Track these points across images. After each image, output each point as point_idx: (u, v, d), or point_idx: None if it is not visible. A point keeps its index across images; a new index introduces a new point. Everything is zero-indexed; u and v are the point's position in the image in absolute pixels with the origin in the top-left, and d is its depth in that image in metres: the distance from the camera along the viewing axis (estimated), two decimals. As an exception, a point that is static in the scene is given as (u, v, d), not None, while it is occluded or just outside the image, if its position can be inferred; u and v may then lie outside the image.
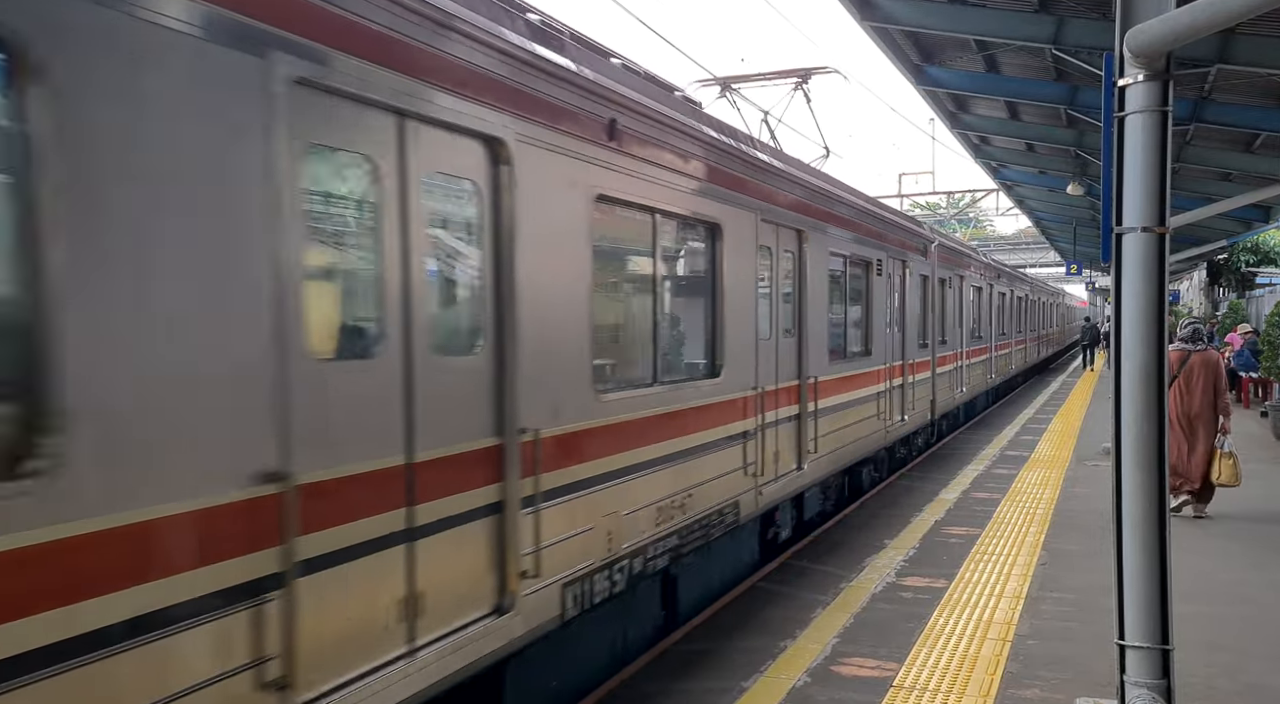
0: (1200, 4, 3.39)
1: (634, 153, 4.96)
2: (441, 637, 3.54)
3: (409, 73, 3.41)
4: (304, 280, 3.01)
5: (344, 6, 3.13)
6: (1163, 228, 3.86)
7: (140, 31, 2.46)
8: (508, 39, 3.96)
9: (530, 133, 4.06)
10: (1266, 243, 24.58)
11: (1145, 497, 3.82)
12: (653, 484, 5.15)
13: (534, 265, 4.10)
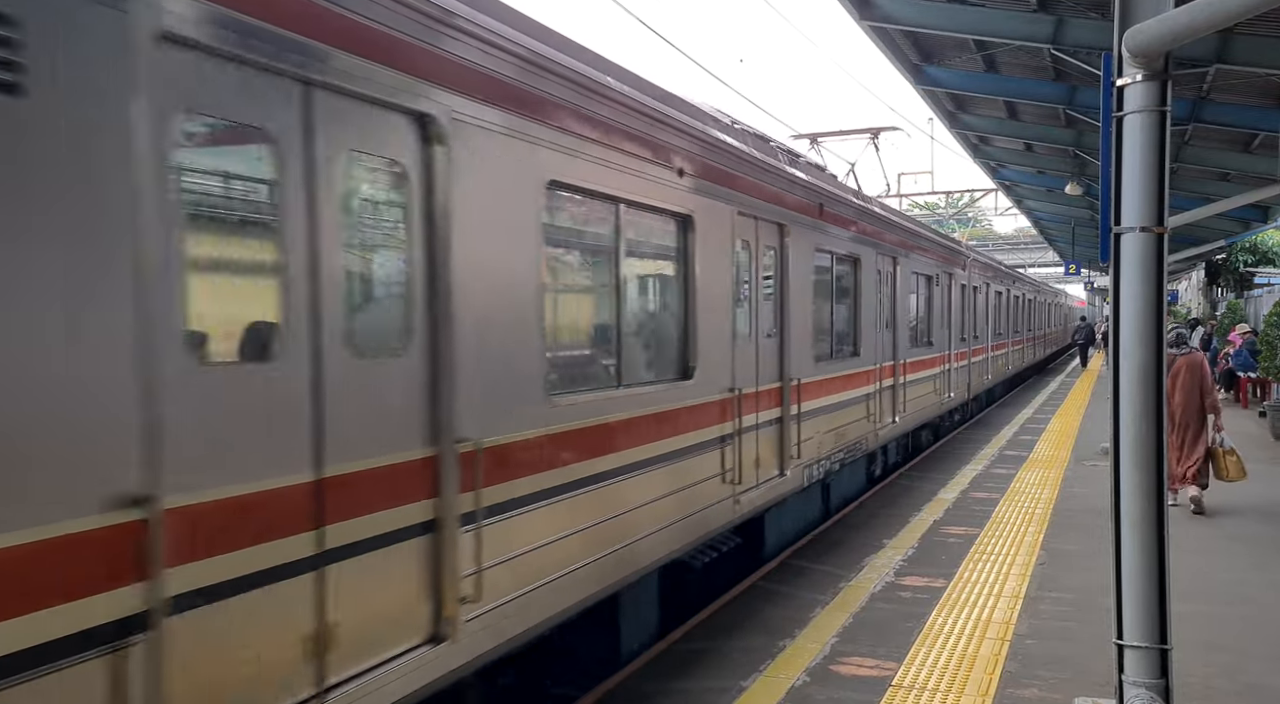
0: (1198, 4, 3.39)
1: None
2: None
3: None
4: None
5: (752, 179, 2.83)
6: (1161, 228, 3.87)
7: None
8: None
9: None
10: (1265, 243, 24.59)
11: (1144, 496, 3.83)
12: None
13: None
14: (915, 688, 4.72)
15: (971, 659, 5.11)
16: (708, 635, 5.65)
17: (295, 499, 2.95)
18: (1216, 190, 16.19)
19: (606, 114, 4.71)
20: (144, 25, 2.44)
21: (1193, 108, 11.40)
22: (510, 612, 3.92)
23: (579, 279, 5.24)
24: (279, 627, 2.88)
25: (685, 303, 5.72)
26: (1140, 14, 3.65)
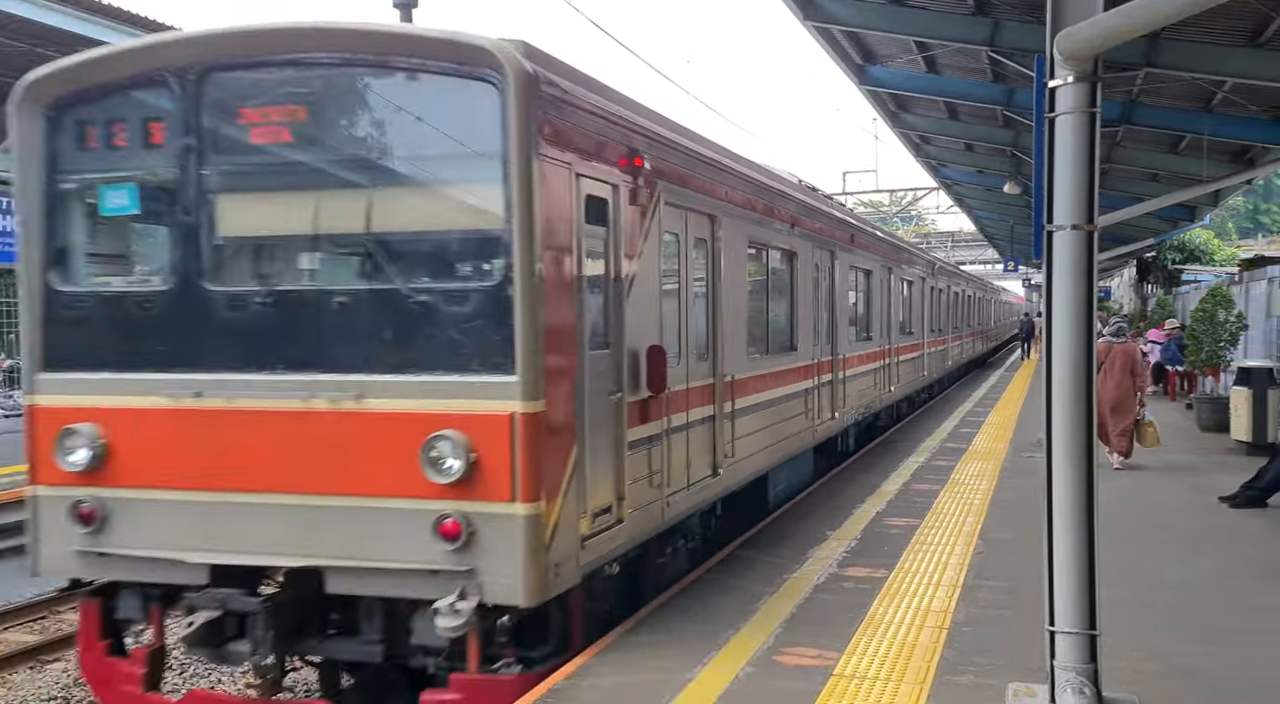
0: (1126, 8, 3.50)
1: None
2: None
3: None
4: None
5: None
6: (1091, 226, 3.99)
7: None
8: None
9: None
10: (1192, 241, 25.45)
11: (1075, 487, 3.94)
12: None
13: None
14: (856, 677, 4.81)
15: (911, 647, 5.21)
16: (653, 627, 5.69)
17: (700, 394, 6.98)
18: (1147, 190, 16.71)
19: (765, 204, 8.64)
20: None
21: (1124, 110, 11.74)
22: (739, 466, 7.68)
23: (760, 291, 8.76)
24: (699, 445, 6.88)
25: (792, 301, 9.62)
26: (1071, 17, 3.76)
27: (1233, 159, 13.78)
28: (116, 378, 5.14)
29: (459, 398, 4.71)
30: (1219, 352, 13.88)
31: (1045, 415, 4.04)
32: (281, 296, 5.00)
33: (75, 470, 5.09)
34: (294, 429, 4.86)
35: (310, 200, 5.11)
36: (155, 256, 5.50)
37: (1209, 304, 14.12)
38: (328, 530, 4.82)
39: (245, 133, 5.07)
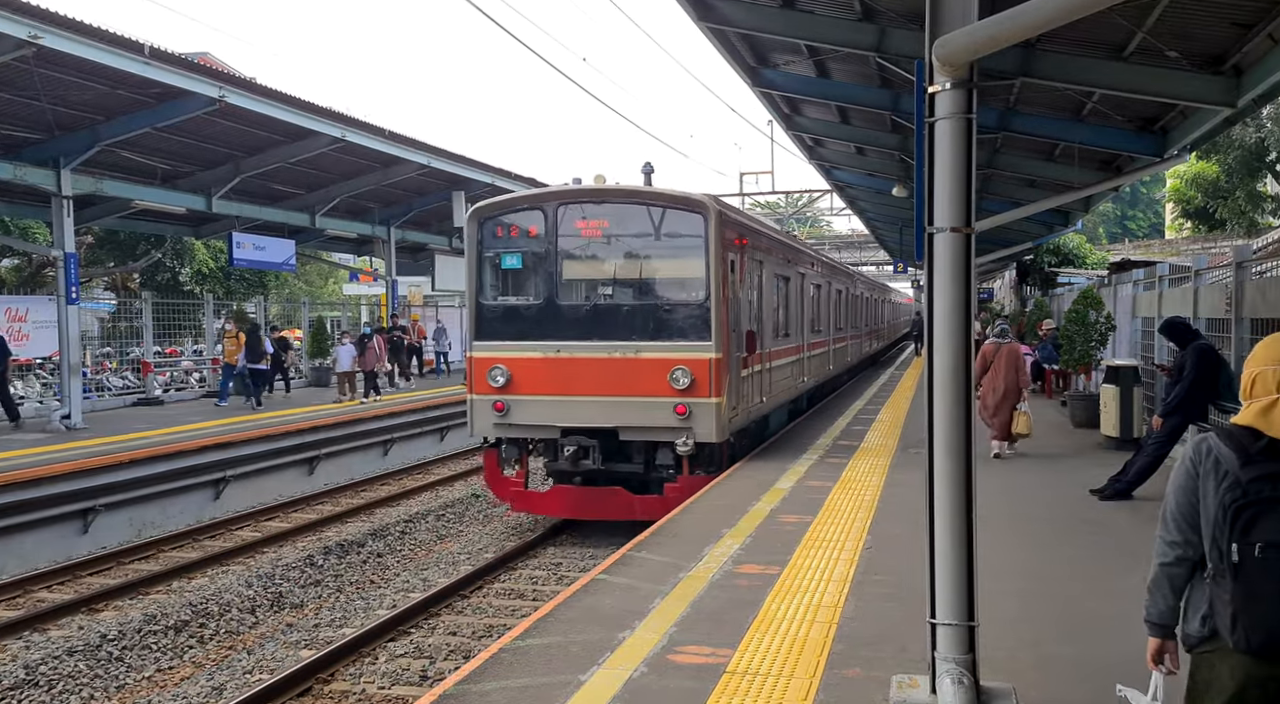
0: (998, 18, 3.60)
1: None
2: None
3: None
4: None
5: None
6: (969, 228, 4.09)
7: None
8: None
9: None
10: (1066, 245, 26.70)
11: (955, 483, 4.04)
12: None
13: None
14: (748, 673, 4.85)
15: (802, 642, 5.28)
16: (546, 630, 5.62)
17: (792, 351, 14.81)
18: (1025, 195, 17.41)
19: (781, 253, 14.45)
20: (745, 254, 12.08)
21: (1002, 117, 12.19)
22: (771, 398, 13.43)
23: (779, 303, 14.23)
24: (762, 383, 12.86)
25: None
26: (948, 25, 3.85)
27: (1102, 167, 14.47)
28: (513, 344, 10.88)
29: (684, 353, 10.44)
30: (1090, 351, 14.57)
31: (928, 413, 4.14)
32: (595, 306, 10.91)
33: (495, 386, 10.79)
34: (602, 365, 10.55)
35: (610, 262, 11.06)
36: (530, 288, 11.21)
37: (1081, 305, 14.80)
38: (620, 411, 10.49)
39: (578, 230, 10.96)
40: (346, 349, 19.94)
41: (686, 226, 10.72)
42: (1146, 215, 69.78)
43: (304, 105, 15.72)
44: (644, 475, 10.92)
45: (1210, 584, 2.59)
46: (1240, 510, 2.50)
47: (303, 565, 10.58)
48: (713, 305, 10.39)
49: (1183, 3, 7.70)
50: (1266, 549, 2.44)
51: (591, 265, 11.08)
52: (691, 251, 10.62)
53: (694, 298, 10.60)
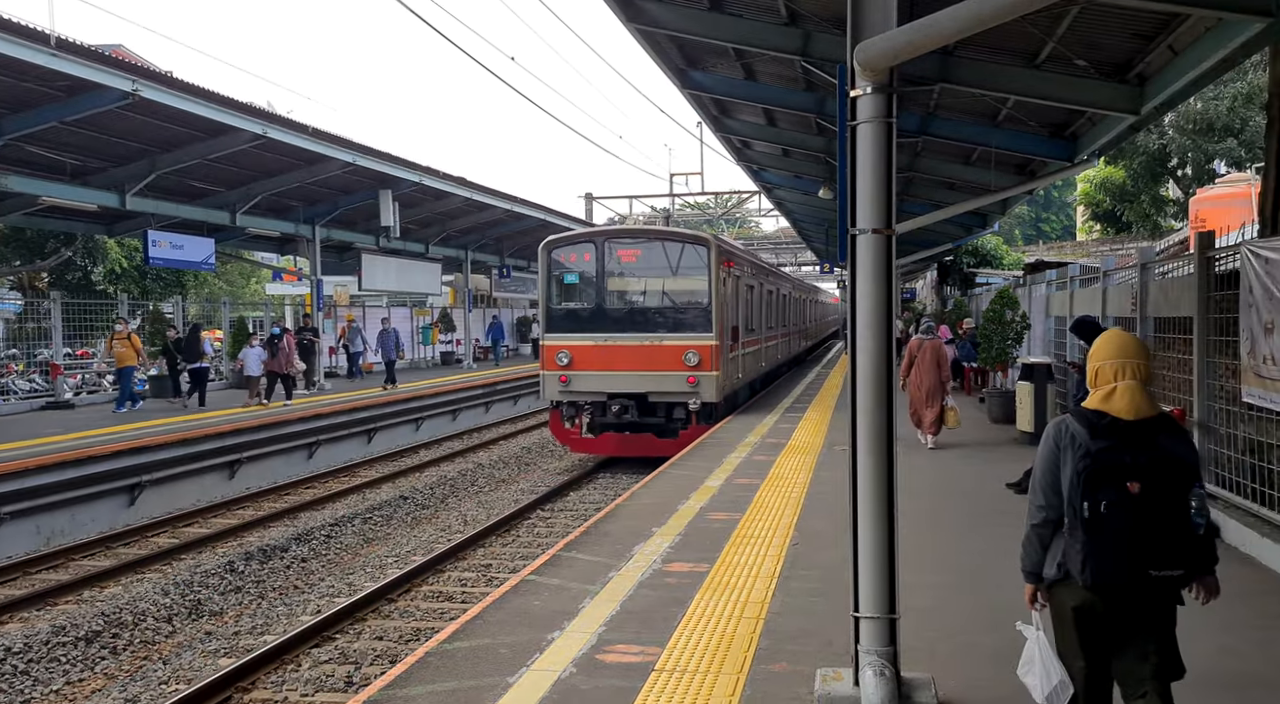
0: (916, 24, 3.70)
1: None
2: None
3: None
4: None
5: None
6: (890, 230, 4.19)
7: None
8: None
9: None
10: (984, 247, 27.49)
11: (877, 480, 4.13)
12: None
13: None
14: (677, 670, 4.88)
15: (730, 639, 5.34)
16: (474, 633, 5.57)
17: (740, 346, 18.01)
18: (945, 198, 17.84)
19: (753, 270, 20.12)
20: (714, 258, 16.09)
21: (922, 122, 12.48)
22: (745, 375, 18.66)
23: (749, 307, 18.94)
24: (740, 364, 17.96)
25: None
26: (869, 31, 3.94)
27: (1017, 171, 14.93)
28: (573, 336, 15.32)
29: (693, 341, 15.07)
30: (1006, 349, 15.02)
31: (851, 410, 4.23)
32: (631, 309, 15.57)
33: (561, 365, 15.23)
34: (637, 350, 15.06)
35: (642, 278, 15.73)
36: (585, 297, 15.80)
37: (998, 305, 15.25)
38: (649, 381, 15.02)
39: (619, 257, 15.63)
40: (254, 351, 19.01)
41: (695, 256, 15.60)
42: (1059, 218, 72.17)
43: (223, 100, 15.30)
44: (665, 425, 15.64)
45: (1066, 537, 3.23)
46: (1089, 475, 3.12)
47: (223, 572, 10.31)
48: (713, 309, 15.34)
49: (1090, 13, 8.00)
50: (1108, 507, 3.09)
51: (628, 281, 16.00)
52: (698, 272, 15.51)
53: (700, 304, 15.48)
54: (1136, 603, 3.18)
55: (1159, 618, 3.22)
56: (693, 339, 15.18)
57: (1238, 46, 7.03)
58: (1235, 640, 5.08)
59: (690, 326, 15.30)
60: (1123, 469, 3.11)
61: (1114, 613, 3.21)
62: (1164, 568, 3.11)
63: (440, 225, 28.58)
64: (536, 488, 14.97)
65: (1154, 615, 3.22)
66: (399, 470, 16.63)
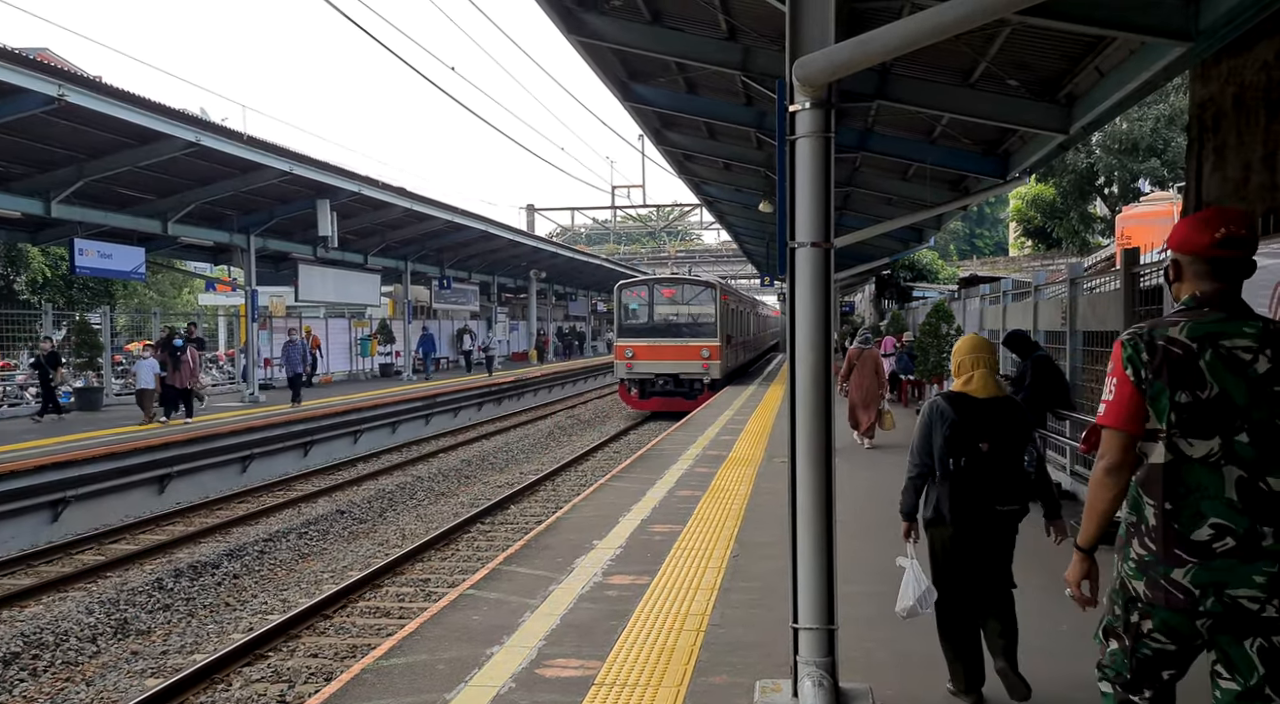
0: (853, 41, 3.76)
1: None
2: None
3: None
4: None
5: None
6: (829, 243, 4.24)
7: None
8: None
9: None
10: (920, 261, 28.06)
11: (815, 491, 4.16)
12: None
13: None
14: (617, 684, 4.85)
15: (670, 651, 5.33)
16: (411, 649, 5.48)
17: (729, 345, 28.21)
18: (883, 212, 18.17)
19: (737, 300, 31.88)
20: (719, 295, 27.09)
21: (861, 137, 12.71)
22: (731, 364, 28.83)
23: (731, 321, 27.93)
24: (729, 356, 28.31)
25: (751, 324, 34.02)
26: (807, 47, 3.99)
27: (952, 187, 15.27)
28: (634, 340, 25.37)
29: (706, 343, 25.23)
30: (942, 361, 15.32)
31: (790, 423, 4.25)
32: (670, 324, 25.65)
33: (627, 357, 25.19)
34: (673, 348, 25.16)
35: (675, 306, 25.81)
36: (641, 316, 26.12)
37: (933, 318, 15.56)
38: (680, 366, 25.06)
39: (662, 293, 25.83)
40: (149, 363, 17.27)
41: (707, 293, 25.70)
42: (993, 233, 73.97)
43: (155, 106, 14.93)
44: (689, 392, 25.02)
45: (937, 486, 4.39)
46: (953, 439, 4.32)
47: (150, 589, 9.99)
48: (717, 325, 25.26)
49: (1021, 35, 8.23)
50: (967, 461, 4.30)
51: (668, 307, 25.70)
52: (709, 303, 25.49)
53: (710, 321, 25.34)
54: (987, 532, 4.36)
55: (1003, 543, 4.43)
56: (705, 342, 25.18)
57: (1160, 69, 7.29)
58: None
59: (704, 334, 25.29)
60: (977, 434, 4.30)
61: (972, 540, 4.36)
62: (1006, 504, 4.33)
63: (380, 236, 28.23)
64: (477, 501, 14.81)
65: (1000, 541, 4.42)
66: (336, 484, 16.32)
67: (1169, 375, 2.66)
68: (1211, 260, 2.72)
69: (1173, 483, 2.66)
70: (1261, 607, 2.55)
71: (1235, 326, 2.66)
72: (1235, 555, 2.58)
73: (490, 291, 40.68)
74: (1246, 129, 6.89)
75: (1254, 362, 2.62)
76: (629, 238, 79.49)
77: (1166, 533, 2.65)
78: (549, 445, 22.05)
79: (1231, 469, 2.61)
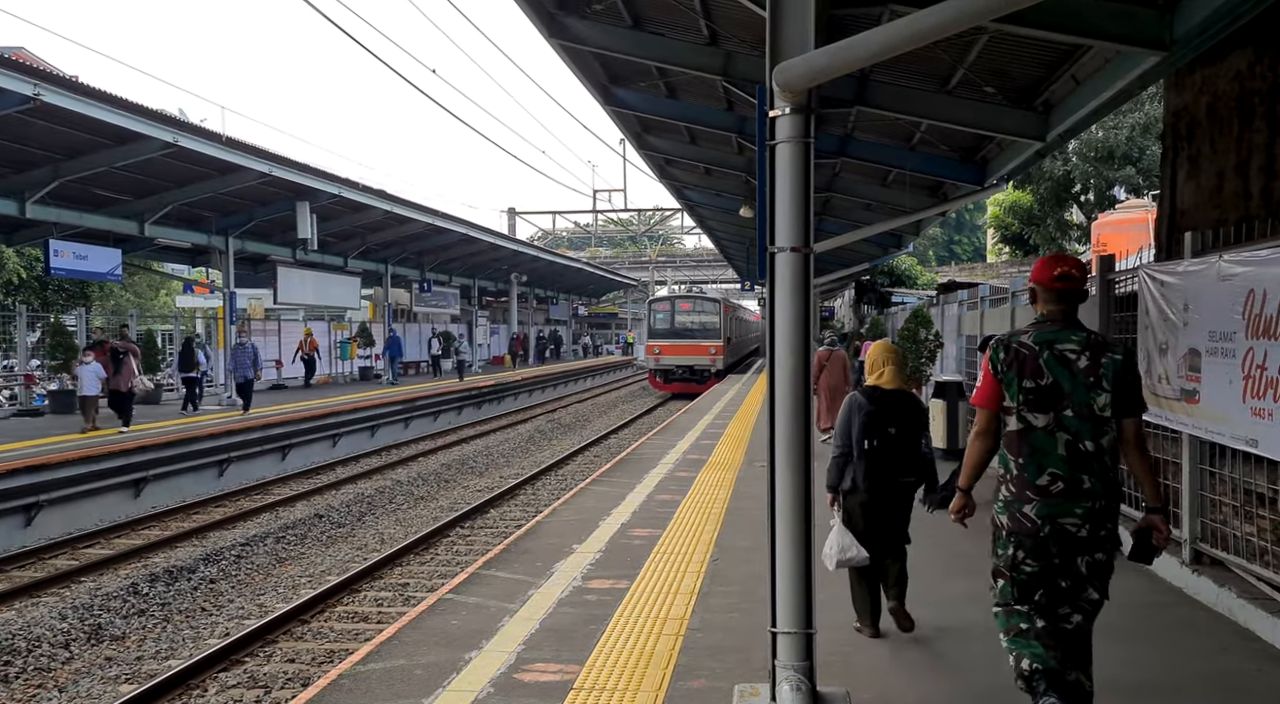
0: (832, 47, 3.78)
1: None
2: None
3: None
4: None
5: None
6: (808, 249, 4.25)
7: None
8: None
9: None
10: (899, 267, 28.23)
11: (794, 495, 4.17)
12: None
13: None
14: (596, 689, 4.85)
15: (649, 655, 5.33)
16: (390, 654, 5.45)
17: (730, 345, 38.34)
18: (863, 218, 18.26)
19: (735, 308, 42.53)
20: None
21: (841, 143, 12.77)
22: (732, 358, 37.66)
23: (729, 326, 36.62)
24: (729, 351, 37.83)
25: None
26: (787, 53, 4.01)
27: (930, 193, 15.38)
28: (660, 341, 33.64)
29: (713, 343, 33.77)
30: (920, 367, 15.39)
31: (769, 427, 4.26)
32: (687, 329, 34.04)
33: (655, 353, 33.85)
34: (689, 347, 33.58)
35: (691, 316, 34.44)
36: (665, 324, 34.40)
37: (912, 324, 15.63)
38: (694, 359, 33.41)
39: (681, 306, 34.89)
40: (91, 368, 16.36)
41: (714, 306, 34.48)
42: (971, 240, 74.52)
43: (132, 106, 14.80)
44: (700, 379, 32.23)
45: (855, 463, 5.36)
46: (867, 425, 5.33)
47: (125, 594, 9.89)
48: (722, 330, 33.65)
49: (998, 42, 8.31)
50: (878, 443, 5.31)
51: (686, 317, 33.79)
52: (715, 313, 34.04)
53: (716, 328, 33.57)
54: (891, 498, 5.40)
55: (903, 507, 5.48)
56: (712, 342, 33.42)
57: (1135, 78, 7.38)
58: (1134, 650, 5.27)
59: (711, 337, 33.48)
60: (885, 420, 5.33)
61: (879, 505, 5.37)
62: (905, 477, 5.40)
63: (360, 238, 28.09)
64: (457, 505, 14.76)
65: (900, 506, 5.47)
66: (314, 488, 16.21)
67: (1018, 368, 3.79)
68: (1053, 290, 3.86)
69: (1023, 444, 3.76)
70: (1079, 529, 3.66)
71: (1066, 335, 3.79)
72: (1064, 495, 3.68)
73: (471, 295, 40.57)
74: (1220, 138, 6.98)
75: (1077, 360, 3.74)
76: (610, 242, 79.55)
77: (1020, 480, 3.76)
78: (529, 449, 21.99)
79: (1062, 435, 3.71)
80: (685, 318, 34.38)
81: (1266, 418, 5.17)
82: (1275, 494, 5.54)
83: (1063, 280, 3.83)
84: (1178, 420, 6.34)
